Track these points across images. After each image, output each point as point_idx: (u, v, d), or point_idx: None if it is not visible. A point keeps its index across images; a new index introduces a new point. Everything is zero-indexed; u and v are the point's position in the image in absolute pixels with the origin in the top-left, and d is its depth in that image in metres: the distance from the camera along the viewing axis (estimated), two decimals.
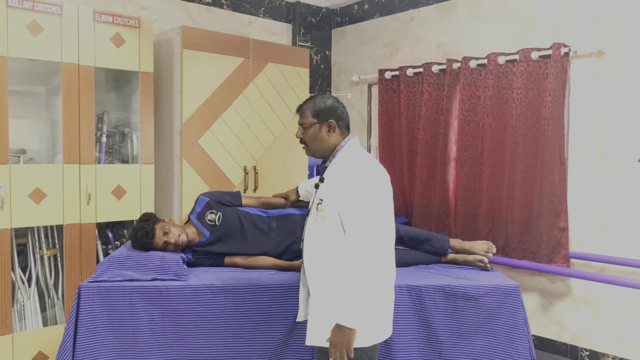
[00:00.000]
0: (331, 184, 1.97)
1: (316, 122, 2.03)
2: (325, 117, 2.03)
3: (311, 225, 2.02)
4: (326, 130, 2.03)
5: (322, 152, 2.06)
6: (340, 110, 2.07)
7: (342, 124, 2.07)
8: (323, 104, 2.05)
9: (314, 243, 1.99)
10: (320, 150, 2.06)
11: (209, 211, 2.71)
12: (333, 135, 2.04)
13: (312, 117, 2.04)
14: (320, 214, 1.95)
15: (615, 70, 3.27)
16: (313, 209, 2.02)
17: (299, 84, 4.08)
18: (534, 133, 3.50)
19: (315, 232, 1.99)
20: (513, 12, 3.72)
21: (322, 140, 2.04)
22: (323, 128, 2.03)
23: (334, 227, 1.92)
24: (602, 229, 3.35)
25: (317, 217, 1.97)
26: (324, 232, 1.95)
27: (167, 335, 2.35)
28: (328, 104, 2.05)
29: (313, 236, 2.00)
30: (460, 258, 2.84)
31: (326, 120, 2.03)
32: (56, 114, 3.17)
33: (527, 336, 2.42)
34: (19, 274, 3.05)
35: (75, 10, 3.05)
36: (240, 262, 2.69)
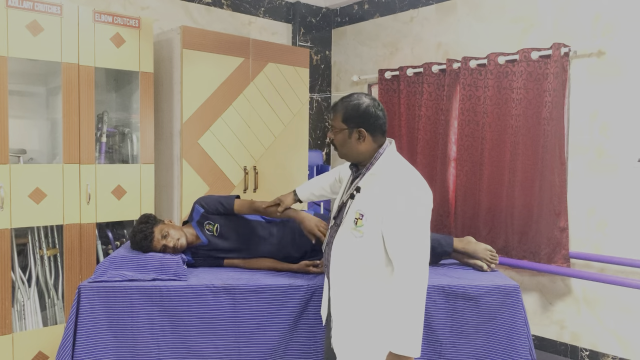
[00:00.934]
0: (373, 197, 1.84)
1: (345, 128, 1.89)
2: (356, 125, 1.88)
3: (344, 238, 1.89)
4: (356, 138, 1.89)
5: (353, 158, 1.95)
6: (374, 117, 1.89)
7: (377, 132, 1.90)
8: (357, 108, 1.88)
9: (347, 258, 1.88)
10: (350, 156, 1.94)
11: (207, 222, 2.71)
12: (363, 144, 1.89)
13: (342, 122, 1.89)
14: (360, 230, 1.83)
15: (615, 70, 3.27)
16: (348, 222, 1.88)
17: (299, 84, 4.08)
18: (534, 133, 3.50)
19: (351, 248, 1.86)
20: (513, 12, 3.72)
21: (352, 148, 1.90)
22: (353, 135, 1.89)
23: (374, 244, 1.82)
24: (602, 229, 3.35)
25: (355, 233, 1.84)
26: (362, 249, 1.84)
27: (167, 335, 2.35)
28: (362, 108, 1.88)
29: (346, 250, 1.88)
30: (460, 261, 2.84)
31: (356, 128, 1.88)
32: (56, 114, 3.16)
33: (527, 336, 2.42)
34: (19, 274, 3.05)
35: (75, 10, 3.05)
36: (239, 264, 2.69)
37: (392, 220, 1.79)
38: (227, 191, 3.70)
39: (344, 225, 1.91)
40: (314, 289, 2.40)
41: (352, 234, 1.86)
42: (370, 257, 1.84)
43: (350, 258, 1.88)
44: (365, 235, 1.83)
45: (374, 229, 1.82)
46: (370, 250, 1.83)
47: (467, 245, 2.82)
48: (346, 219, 1.91)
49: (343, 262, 1.90)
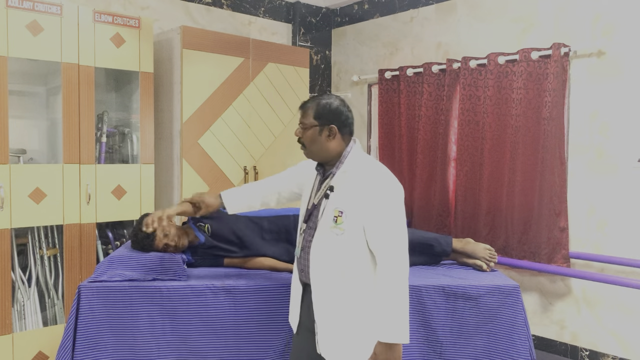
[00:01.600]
0: (349, 194, 1.86)
1: (317, 124, 1.91)
2: (328, 121, 1.91)
3: (324, 239, 1.89)
4: (326, 135, 1.91)
5: (320, 157, 1.96)
6: (345, 115, 1.94)
7: (346, 131, 1.94)
8: (328, 106, 1.92)
9: (330, 258, 1.88)
10: (318, 154, 1.95)
11: (198, 223, 2.72)
12: (333, 142, 1.92)
13: (313, 119, 1.92)
14: (340, 227, 1.85)
15: (615, 70, 3.27)
16: (326, 222, 1.89)
17: (299, 84, 4.08)
18: (534, 133, 3.50)
19: (333, 247, 1.87)
20: (513, 12, 3.72)
21: (321, 144, 1.92)
22: (323, 132, 1.91)
23: (356, 240, 1.85)
24: (602, 229, 3.35)
25: (335, 231, 1.86)
26: (344, 246, 1.86)
27: (167, 335, 2.35)
28: (333, 107, 1.93)
29: (329, 252, 1.88)
30: (460, 261, 2.84)
31: (328, 125, 1.91)
32: (56, 114, 3.16)
33: (527, 336, 2.42)
34: (19, 274, 3.05)
35: (75, 10, 3.05)
36: (239, 263, 2.69)
37: (372, 213, 1.82)
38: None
39: (322, 226, 1.91)
40: None
41: (332, 233, 1.87)
42: (353, 252, 1.86)
43: (332, 257, 1.88)
44: (346, 232, 1.85)
45: (355, 225, 1.84)
46: (353, 246, 1.86)
47: (466, 245, 2.83)
48: (322, 219, 1.91)
49: (325, 263, 1.90)
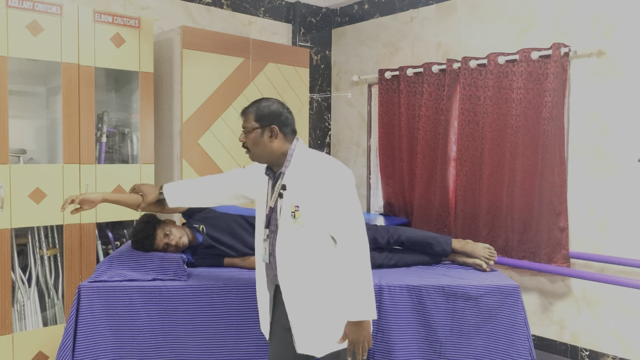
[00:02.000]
0: (302, 188, 1.93)
1: (258, 126, 1.98)
2: (268, 123, 1.98)
3: (287, 237, 1.95)
4: (268, 136, 1.97)
5: (265, 158, 2.01)
6: (284, 116, 2.01)
7: (287, 130, 2.01)
8: (267, 108, 2.00)
9: (296, 253, 1.94)
10: (263, 156, 2.00)
11: (193, 225, 2.72)
12: (275, 142, 1.98)
13: (254, 122, 1.99)
14: (300, 221, 1.91)
15: (615, 70, 3.27)
16: (285, 220, 1.94)
17: (299, 84, 4.08)
18: (534, 133, 3.50)
19: (295, 241, 1.93)
20: (513, 12, 3.72)
21: (264, 146, 1.98)
22: (265, 133, 1.97)
23: (317, 230, 1.91)
24: (602, 229, 3.35)
25: (296, 225, 1.92)
26: (307, 237, 1.92)
27: (167, 335, 2.35)
28: (272, 109, 2.00)
29: (292, 246, 1.94)
30: (459, 260, 2.84)
31: (268, 126, 1.97)
32: (56, 114, 3.16)
33: (527, 336, 2.42)
34: (19, 274, 3.05)
35: (75, 10, 3.05)
36: (239, 263, 2.69)
37: (326, 200, 1.89)
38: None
39: (282, 226, 1.96)
40: None
41: (293, 229, 1.93)
42: (317, 243, 1.92)
43: (298, 252, 1.94)
44: (306, 224, 1.91)
45: (313, 215, 1.91)
46: (315, 237, 1.92)
47: (465, 245, 2.83)
48: (282, 218, 1.96)
49: (292, 260, 1.95)
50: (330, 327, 1.93)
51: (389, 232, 2.82)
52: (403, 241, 2.81)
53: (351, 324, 1.86)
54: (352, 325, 1.86)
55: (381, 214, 4.57)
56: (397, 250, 2.85)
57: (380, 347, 2.42)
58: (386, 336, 2.41)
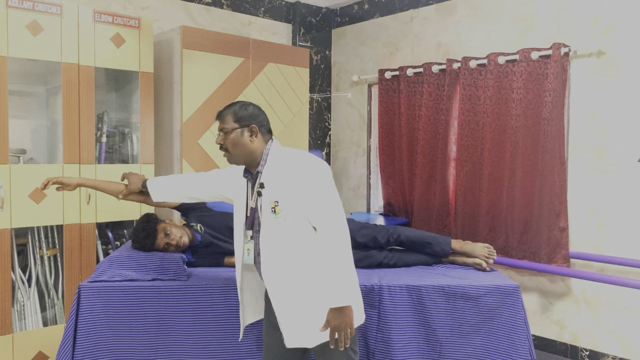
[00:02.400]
0: (279, 184, 1.95)
1: (238, 127, 2.00)
2: (247, 123, 2.01)
3: (269, 233, 1.97)
4: (248, 135, 2.00)
5: (245, 158, 2.03)
6: (262, 117, 2.06)
7: (264, 130, 2.05)
8: (245, 109, 2.03)
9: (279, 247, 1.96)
10: (243, 156, 2.02)
11: (191, 223, 2.73)
12: (255, 141, 2.01)
13: (233, 122, 2.01)
14: (282, 215, 1.94)
15: (615, 70, 3.27)
16: (266, 216, 1.97)
17: (299, 84, 4.08)
18: (534, 133, 3.50)
19: (277, 236, 1.96)
20: (513, 12, 3.72)
21: (244, 146, 2.00)
22: (245, 133, 2.00)
23: (298, 223, 1.93)
24: (602, 229, 3.35)
25: (278, 220, 1.94)
26: (289, 231, 1.94)
27: (167, 335, 2.35)
28: (249, 110, 2.04)
29: (275, 242, 1.96)
30: (459, 261, 2.84)
31: (248, 126, 2.01)
32: (56, 114, 3.17)
33: (527, 336, 2.42)
34: (19, 274, 3.05)
35: (75, 10, 3.05)
36: None
37: (304, 191, 1.91)
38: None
39: (264, 223, 1.99)
40: None
41: (275, 224, 1.95)
42: (299, 236, 1.94)
43: (282, 246, 1.96)
44: (287, 218, 1.93)
45: (293, 208, 1.93)
46: (297, 230, 1.94)
47: (464, 245, 2.84)
48: (263, 216, 1.99)
49: (276, 255, 1.97)
50: (318, 317, 1.94)
51: (388, 232, 2.82)
52: (402, 240, 2.81)
53: (332, 310, 1.86)
54: (334, 312, 1.86)
55: (381, 214, 4.58)
56: (397, 250, 2.85)
57: (381, 347, 2.42)
58: (386, 336, 2.41)
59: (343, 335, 1.86)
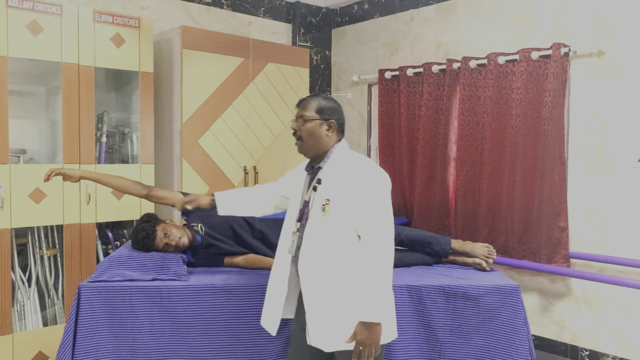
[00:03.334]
0: (335, 184, 1.95)
1: (318, 117, 2.01)
2: (328, 116, 2.02)
3: (314, 229, 1.97)
4: (325, 129, 2.01)
5: (315, 151, 2.03)
6: (341, 115, 2.07)
7: (340, 129, 2.06)
8: (328, 102, 2.05)
9: (320, 245, 1.95)
10: (314, 148, 2.02)
11: (192, 223, 2.72)
12: (329, 137, 2.02)
13: (315, 112, 2.02)
14: (329, 214, 1.93)
15: (615, 70, 3.27)
16: (315, 212, 1.97)
17: (299, 84, 4.08)
18: (534, 133, 3.50)
19: (321, 234, 1.95)
20: (513, 12, 3.72)
21: (319, 138, 2.01)
22: (323, 125, 2.01)
23: (343, 226, 1.92)
24: (602, 229, 3.35)
25: (324, 218, 1.93)
26: (332, 232, 1.93)
27: (167, 335, 2.35)
28: (334, 105, 2.06)
29: (318, 239, 1.95)
30: (459, 260, 2.85)
31: (328, 119, 2.02)
32: (56, 114, 3.17)
33: (527, 336, 2.42)
34: (19, 274, 3.05)
35: (75, 10, 3.05)
36: (240, 263, 2.69)
37: (357, 198, 1.90)
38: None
39: (312, 218, 1.99)
40: None
41: (321, 221, 1.95)
42: (340, 238, 1.93)
43: (322, 244, 1.95)
44: (333, 219, 1.93)
45: (341, 211, 1.92)
46: (340, 232, 1.93)
47: (464, 244, 2.84)
48: (312, 211, 1.99)
49: (315, 252, 1.96)
50: (344, 325, 1.91)
51: None
52: (402, 240, 2.81)
53: (361, 324, 1.85)
54: (362, 326, 1.84)
55: None
56: (397, 250, 2.85)
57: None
58: None
59: (367, 351, 1.84)
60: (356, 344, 1.85)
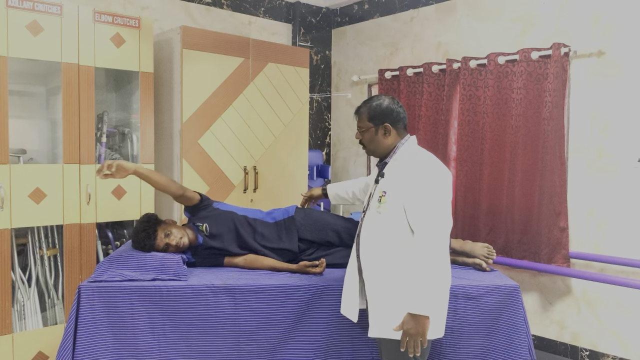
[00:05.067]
0: (395, 178, 2.03)
1: (372, 126, 2.10)
2: (381, 121, 2.09)
3: (371, 219, 2.07)
4: (382, 134, 2.10)
5: (380, 153, 2.14)
6: (396, 112, 2.11)
7: (400, 126, 2.12)
8: (379, 107, 2.10)
9: (374, 235, 2.04)
10: (378, 151, 2.13)
11: (197, 223, 2.72)
12: (389, 138, 2.10)
13: (367, 121, 2.11)
14: (384, 206, 2.01)
15: (615, 70, 3.27)
16: (373, 203, 2.07)
17: (299, 84, 4.08)
18: (534, 133, 3.50)
19: (376, 225, 2.04)
20: (513, 12, 3.72)
21: (379, 143, 2.11)
22: (379, 131, 2.10)
23: (397, 219, 1.99)
24: (602, 229, 3.35)
25: (379, 210, 2.02)
26: (385, 224, 2.01)
27: (167, 335, 2.35)
28: (384, 107, 2.10)
29: (373, 229, 2.05)
30: (459, 260, 2.84)
31: (382, 124, 2.09)
32: (56, 114, 3.17)
33: (527, 336, 2.42)
34: (19, 274, 3.05)
35: (75, 10, 3.05)
36: (239, 263, 2.69)
37: (412, 191, 1.96)
38: (227, 191, 3.70)
39: (370, 209, 2.09)
40: (314, 289, 2.40)
41: (376, 212, 2.04)
42: (394, 230, 1.99)
43: (377, 237, 2.04)
44: (388, 210, 2.00)
45: (396, 203, 1.99)
46: (393, 224, 2.00)
47: (464, 244, 2.84)
48: (372, 202, 2.09)
49: (372, 243, 2.05)
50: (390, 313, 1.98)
51: None
52: None
53: (409, 315, 1.90)
54: (410, 317, 1.89)
55: None
56: None
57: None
58: None
59: (413, 342, 1.89)
60: (403, 334, 1.91)
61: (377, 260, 2.04)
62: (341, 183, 2.74)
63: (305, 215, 2.74)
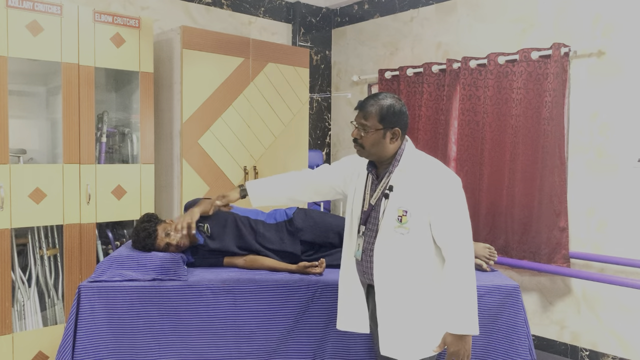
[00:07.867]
0: (411, 192, 1.86)
1: (381, 127, 1.87)
2: (392, 124, 1.88)
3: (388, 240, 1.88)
4: (390, 138, 1.88)
5: (378, 157, 1.93)
6: (405, 117, 1.92)
7: (405, 130, 1.94)
8: (392, 108, 1.87)
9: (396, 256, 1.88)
10: (378, 155, 1.92)
11: (198, 223, 2.71)
12: (395, 143, 1.90)
13: (378, 122, 1.87)
14: (406, 227, 1.84)
15: (615, 70, 3.27)
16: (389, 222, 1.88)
17: (299, 84, 4.08)
18: (534, 133, 3.50)
19: (398, 247, 1.87)
20: (513, 12, 3.72)
21: (384, 147, 1.89)
22: (387, 135, 1.88)
23: (422, 238, 1.86)
24: (602, 229, 3.35)
25: (400, 230, 1.85)
26: (410, 245, 1.86)
27: (167, 335, 2.35)
28: (397, 109, 1.88)
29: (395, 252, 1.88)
30: None
31: (392, 128, 1.88)
32: (56, 114, 3.17)
33: (527, 336, 2.42)
34: (19, 274, 3.05)
35: (75, 10, 3.05)
36: (239, 263, 2.69)
37: (437, 208, 1.84)
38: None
39: (384, 228, 1.89)
40: (313, 290, 2.40)
41: (396, 233, 1.87)
42: (420, 250, 1.87)
43: (398, 257, 1.88)
44: (412, 231, 1.85)
45: (420, 223, 1.85)
46: (419, 244, 1.87)
47: None
48: (384, 220, 1.89)
49: (391, 264, 1.90)
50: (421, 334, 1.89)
51: None
52: None
53: (453, 336, 1.83)
54: (454, 338, 1.83)
55: None
56: None
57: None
58: None
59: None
60: (448, 355, 1.84)
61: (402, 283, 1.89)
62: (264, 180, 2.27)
63: (306, 217, 2.73)
